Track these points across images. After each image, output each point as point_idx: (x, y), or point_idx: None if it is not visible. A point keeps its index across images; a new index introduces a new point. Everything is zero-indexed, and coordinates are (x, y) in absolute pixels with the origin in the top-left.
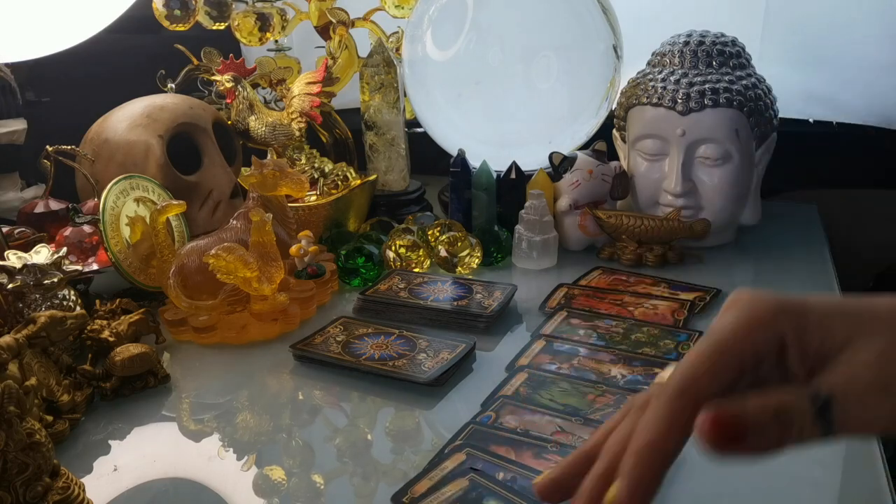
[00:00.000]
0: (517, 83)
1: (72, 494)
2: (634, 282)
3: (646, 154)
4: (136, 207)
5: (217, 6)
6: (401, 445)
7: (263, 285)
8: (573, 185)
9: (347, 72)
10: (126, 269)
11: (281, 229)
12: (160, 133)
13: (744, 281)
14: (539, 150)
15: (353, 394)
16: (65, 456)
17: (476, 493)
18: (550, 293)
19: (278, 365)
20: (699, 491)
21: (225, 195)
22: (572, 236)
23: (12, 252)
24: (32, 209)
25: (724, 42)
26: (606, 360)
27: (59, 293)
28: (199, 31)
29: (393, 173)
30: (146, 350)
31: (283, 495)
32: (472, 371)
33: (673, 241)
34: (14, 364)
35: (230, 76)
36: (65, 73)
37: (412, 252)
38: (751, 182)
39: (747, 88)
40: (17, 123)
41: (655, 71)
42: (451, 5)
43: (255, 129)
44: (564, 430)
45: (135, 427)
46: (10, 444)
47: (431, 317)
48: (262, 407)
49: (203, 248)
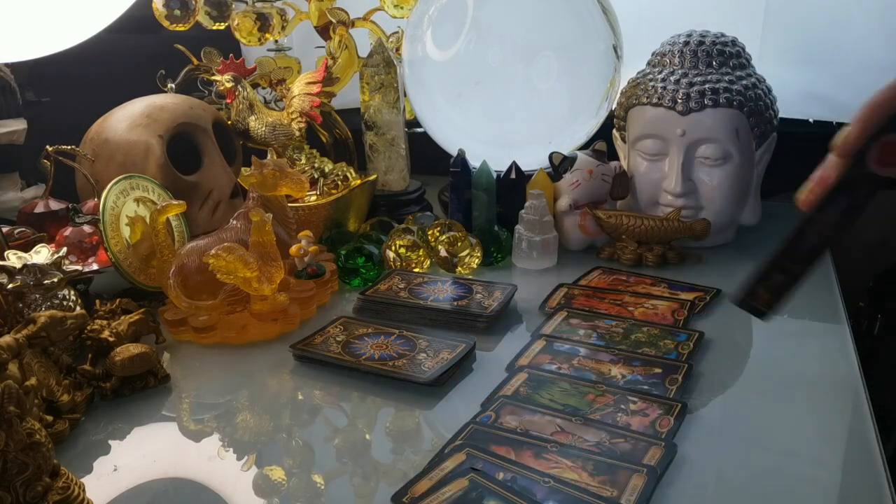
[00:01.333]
0: (517, 83)
1: (72, 494)
2: (634, 282)
3: (646, 154)
4: (136, 207)
5: (217, 6)
6: (401, 445)
7: (263, 285)
8: (573, 185)
9: (347, 72)
10: (126, 269)
11: (281, 229)
12: (160, 133)
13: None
14: (539, 150)
15: (353, 394)
16: (65, 456)
17: (476, 493)
18: (550, 293)
19: (278, 365)
20: (699, 491)
21: (225, 195)
22: (572, 236)
23: (12, 252)
24: (32, 209)
25: (724, 42)
26: (606, 360)
27: (59, 293)
28: (199, 31)
29: (393, 173)
30: (146, 350)
31: (283, 495)
32: (472, 371)
33: (673, 241)
34: (14, 364)
35: (230, 76)
36: (65, 73)
37: (412, 252)
38: (751, 182)
39: (747, 88)
40: (17, 123)
41: (655, 71)
42: (451, 5)
43: (255, 129)
44: (564, 430)
45: (135, 427)
46: (10, 444)
47: (431, 317)
48: (262, 407)
49: (203, 248)
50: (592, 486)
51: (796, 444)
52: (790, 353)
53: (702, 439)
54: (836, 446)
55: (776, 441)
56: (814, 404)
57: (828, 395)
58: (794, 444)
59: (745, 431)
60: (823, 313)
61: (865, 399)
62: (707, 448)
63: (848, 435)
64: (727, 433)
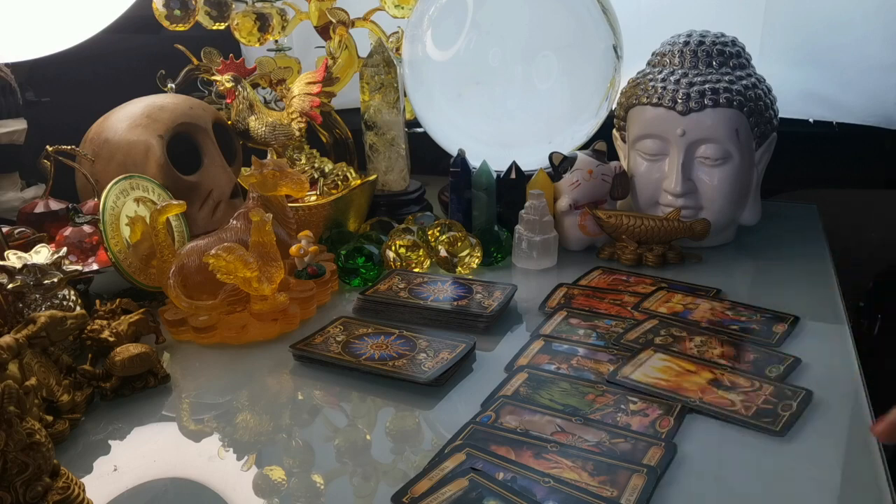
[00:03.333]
0: (517, 83)
1: (72, 494)
2: (634, 282)
3: (646, 154)
4: (136, 207)
5: (217, 6)
6: (401, 445)
7: (263, 285)
8: (573, 185)
9: (347, 72)
10: (126, 269)
11: (281, 229)
12: (160, 133)
13: (744, 281)
14: (539, 150)
15: (353, 394)
16: (65, 456)
17: (476, 493)
18: (550, 293)
19: (278, 365)
20: (699, 491)
21: (225, 195)
22: (572, 236)
23: (12, 252)
24: (32, 209)
25: (724, 42)
26: (605, 360)
27: (59, 293)
28: (199, 31)
29: (393, 173)
30: (146, 350)
31: (283, 495)
32: (472, 371)
33: (673, 241)
34: (14, 364)
35: (230, 76)
36: (65, 73)
37: (412, 252)
38: (751, 182)
39: (747, 88)
40: (17, 123)
41: (655, 71)
42: (451, 5)
43: (255, 129)
44: (564, 430)
45: (135, 427)
46: (10, 444)
47: (431, 317)
48: (262, 407)
49: (203, 248)
50: (592, 486)
51: (796, 443)
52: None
53: (702, 439)
54: (836, 446)
55: (776, 441)
56: (813, 404)
57: (828, 394)
58: (794, 443)
59: (745, 431)
60: (823, 313)
61: (865, 399)
62: (707, 448)
63: (848, 435)
64: (727, 433)
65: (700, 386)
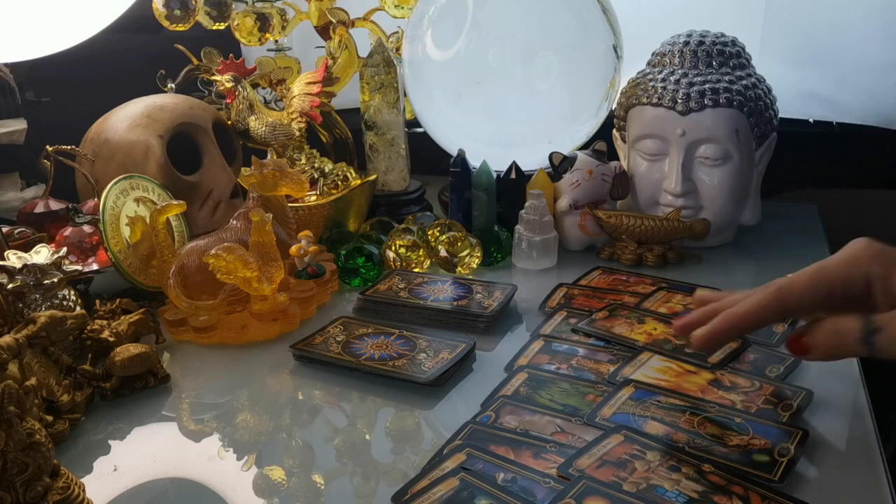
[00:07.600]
0: (517, 83)
1: (72, 494)
2: (634, 282)
3: (646, 154)
4: (136, 207)
5: (217, 6)
6: (401, 445)
7: (263, 285)
8: (573, 185)
9: (347, 72)
10: (126, 269)
11: (281, 229)
12: (160, 133)
13: (744, 281)
14: (539, 150)
15: (353, 394)
16: (65, 456)
17: (467, 493)
18: (550, 293)
19: (278, 365)
20: None
21: (225, 195)
22: (572, 236)
23: (12, 252)
24: (32, 209)
25: (724, 42)
26: (605, 361)
27: (59, 293)
28: (199, 31)
29: (393, 173)
30: (146, 350)
31: (283, 495)
32: (471, 371)
33: (673, 241)
34: (14, 364)
35: (230, 76)
36: (65, 73)
37: (412, 252)
38: (751, 182)
39: (747, 88)
40: (17, 123)
41: (655, 71)
42: (451, 5)
43: (255, 129)
44: (564, 431)
45: (135, 427)
46: (10, 444)
47: (431, 317)
48: (262, 407)
49: (203, 248)
50: None
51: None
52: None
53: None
54: (835, 446)
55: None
56: (813, 404)
57: (828, 394)
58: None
59: None
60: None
61: (865, 399)
62: None
63: (848, 435)
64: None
65: (700, 386)
